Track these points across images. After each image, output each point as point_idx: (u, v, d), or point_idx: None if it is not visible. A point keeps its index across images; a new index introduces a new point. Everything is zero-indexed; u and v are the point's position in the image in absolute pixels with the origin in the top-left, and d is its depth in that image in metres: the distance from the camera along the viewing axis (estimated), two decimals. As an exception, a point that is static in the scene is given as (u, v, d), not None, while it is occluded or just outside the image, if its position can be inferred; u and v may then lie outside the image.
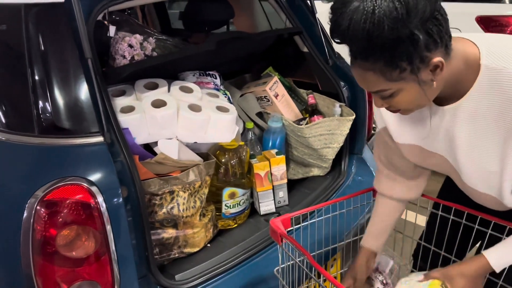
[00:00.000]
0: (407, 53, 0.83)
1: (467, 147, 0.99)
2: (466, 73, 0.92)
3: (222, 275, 1.37)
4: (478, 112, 0.94)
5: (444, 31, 0.85)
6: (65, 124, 1.17)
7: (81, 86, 1.18)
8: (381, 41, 0.81)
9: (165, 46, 1.66)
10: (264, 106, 1.86)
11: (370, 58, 0.85)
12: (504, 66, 0.89)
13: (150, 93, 1.48)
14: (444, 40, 0.86)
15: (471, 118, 0.95)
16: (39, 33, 1.19)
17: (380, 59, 0.84)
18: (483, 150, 0.97)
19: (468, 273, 1.03)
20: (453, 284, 1.03)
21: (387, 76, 0.87)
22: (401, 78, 0.87)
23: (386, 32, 0.79)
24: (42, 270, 1.09)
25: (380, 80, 0.88)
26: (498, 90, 0.90)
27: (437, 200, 1.31)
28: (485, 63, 0.91)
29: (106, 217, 1.11)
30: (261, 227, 1.57)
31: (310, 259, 1.04)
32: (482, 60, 0.91)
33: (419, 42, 0.81)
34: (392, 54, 0.83)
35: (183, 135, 1.45)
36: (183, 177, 1.34)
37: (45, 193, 1.07)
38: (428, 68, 0.86)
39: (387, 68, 0.85)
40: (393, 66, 0.85)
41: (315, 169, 1.84)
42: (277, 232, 1.14)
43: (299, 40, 1.92)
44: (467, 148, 0.99)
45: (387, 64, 0.85)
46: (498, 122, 0.92)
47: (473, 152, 0.98)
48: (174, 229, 1.37)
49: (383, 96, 0.92)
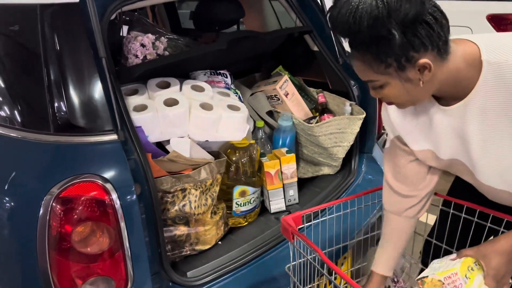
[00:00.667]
0: (389, 51, 0.87)
1: (480, 142, 0.99)
2: (467, 72, 0.94)
3: (233, 272, 1.38)
4: (487, 106, 0.95)
5: (436, 35, 0.87)
6: (80, 122, 1.18)
7: (95, 85, 1.20)
8: (362, 36, 0.86)
9: (176, 45, 1.68)
10: (274, 105, 1.86)
11: (360, 50, 0.90)
12: (505, 59, 0.91)
13: (162, 92, 1.50)
14: (435, 43, 0.88)
15: (481, 113, 0.96)
16: (54, 33, 1.21)
17: (367, 52, 0.89)
18: (496, 144, 0.97)
19: (502, 249, 1.00)
20: (487, 262, 1.00)
21: (374, 69, 0.91)
22: (387, 73, 0.91)
23: (365, 28, 0.83)
24: (58, 265, 1.10)
25: (369, 71, 0.92)
26: (502, 83, 0.91)
27: (449, 199, 1.30)
28: (486, 58, 0.92)
29: (120, 214, 1.12)
30: (272, 225, 1.58)
31: (322, 256, 1.05)
32: (483, 56, 0.93)
33: (396, 43, 0.85)
34: (377, 50, 0.87)
35: (195, 133, 1.46)
36: (195, 175, 1.36)
37: (60, 190, 1.09)
38: (414, 68, 0.89)
39: (375, 61, 0.90)
40: (380, 61, 0.89)
41: (325, 168, 1.85)
42: (288, 230, 1.15)
43: (309, 39, 1.93)
44: (480, 143, 0.99)
45: (374, 58, 0.89)
46: (507, 115, 0.93)
47: (486, 146, 0.99)
48: (186, 226, 1.38)
49: (373, 87, 0.96)
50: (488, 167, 1.02)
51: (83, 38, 1.21)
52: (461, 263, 1.03)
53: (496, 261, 1.00)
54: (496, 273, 1.00)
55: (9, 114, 1.26)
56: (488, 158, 1.00)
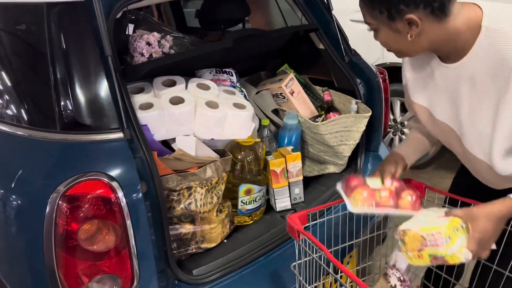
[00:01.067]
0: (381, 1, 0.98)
1: (468, 106, 1.04)
2: (466, 35, 0.98)
3: (239, 271, 1.39)
4: (477, 72, 0.99)
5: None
6: (86, 121, 1.19)
7: (101, 83, 1.21)
8: None
9: (182, 44, 1.68)
10: (280, 103, 1.86)
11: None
12: (502, 27, 0.94)
13: (168, 90, 1.50)
14: (428, 3, 0.94)
15: (471, 78, 1.01)
16: (60, 32, 1.21)
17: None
18: (481, 111, 1.01)
19: (492, 214, 0.99)
20: (475, 225, 1.00)
21: (370, 13, 1.02)
22: (380, 19, 1.01)
23: None
24: (64, 263, 1.11)
25: (367, 14, 1.03)
26: (494, 51, 0.95)
27: (447, 194, 1.30)
28: (486, 24, 0.96)
29: (126, 212, 1.13)
30: (277, 224, 1.58)
31: (328, 255, 1.05)
32: (483, 21, 0.96)
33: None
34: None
35: (201, 131, 1.46)
36: (201, 173, 1.36)
37: (66, 188, 1.09)
38: (403, 21, 0.97)
39: (371, 6, 1.01)
40: (373, 7, 1.00)
41: (331, 166, 1.84)
42: (294, 228, 1.14)
43: (315, 37, 1.92)
44: (468, 108, 1.04)
45: (370, 3, 1.00)
46: (493, 83, 0.97)
47: (473, 112, 1.03)
48: (191, 224, 1.38)
49: (371, 29, 1.06)
50: (473, 134, 1.05)
51: (89, 36, 1.22)
52: (447, 222, 1.01)
53: (483, 225, 0.99)
54: (481, 237, 0.99)
55: (16, 113, 1.27)
56: (474, 125, 1.04)
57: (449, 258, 1.00)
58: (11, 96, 1.29)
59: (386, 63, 3.03)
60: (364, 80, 1.88)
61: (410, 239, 1.04)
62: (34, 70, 1.26)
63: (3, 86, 1.31)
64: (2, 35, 1.35)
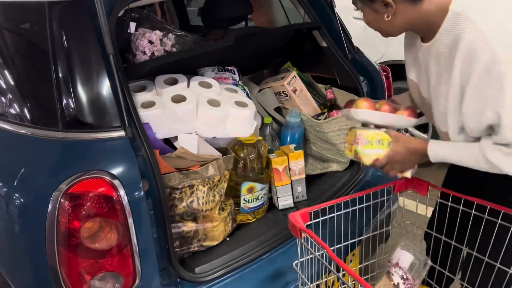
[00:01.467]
0: None
1: (434, 85, 1.15)
2: (436, 17, 1.07)
3: (241, 269, 1.38)
4: (441, 52, 1.08)
5: None
6: (88, 119, 1.19)
7: (103, 82, 1.21)
8: None
9: (184, 42, 1.68)
10: (282, 101, 1.86)
11: None
12: (463, 10, 1.02)
13: (170, 89, 1.50)
14: None
15: (438, 57, 1.10)
16: (62, 30, 1.21)
17: None
18: (440, 89, 1.12)
19: (408, 143, 1.22)
20: (394, 144, 1.24)
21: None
22: (362, 1, 1.12)
23: None
24: (67, 261, 1.11)
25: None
26: (454, 33, 1.03)
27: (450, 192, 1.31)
28: (453, 7, 1.04)
29: (128, 210, 1.13)
30: (280, 222, 1.58)
31: (330, 253, 1.04)
32: (451, 5, 1.04)
33: None
34: None
35: (203, 130, 1.46)
36: (203, 172, 1.36)
37: (68, 187, 1.09)
38: (379, 2, 1.08)
39: None
40: None
41: (333, 164, 1.84)
42: (296, 226, 1.14)
43: (318, 35, 1.91)
44: (433, 86, 1.15)
45: None
46: (449, 63, 1.05)
47: (437, 89, 1.13)
48: (193, 222, 1.38)
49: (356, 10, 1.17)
50: (437, 110, 1.16)
51: (91, 35, 1.22)
52: (377, 133, 1.28)
53: (398, 148, 1.23)
54: (391, 156, 1.25)
55: (18, 111, 1.27)
56: (437, 101, 1.15)
57: (362, 156, 1.30)
58: (13, 95, 1.29)
59: (390, 60, 3.01)
60: (367, 78, 1.87)
61: (350, 135, 1.33)
62: (36, 69, 1.26)
63: (6, 85, 1.32)
64: (4, 33, 1.35)
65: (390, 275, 1.34)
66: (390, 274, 1.34)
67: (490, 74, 0.97)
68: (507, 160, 1.04)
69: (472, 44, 0.99)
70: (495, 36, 0.97)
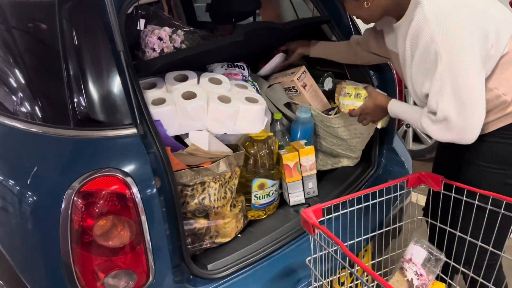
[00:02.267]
0: None
1: (403, 62, 1.32)
2: (403, 3, 1.25)
3: (253, 265, 1.38)
4: (406, 35, 1.25)
5: None
6: (99, 117, 1.19)
7: (113, 79, 1.20)
8: None
9: (193, 38, 1.67)
10: (292, 96, 1.85)
11: None
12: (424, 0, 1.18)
13: (180, 85, 1.50)
14: None
15: (403, 40, 1.27)
16: (72, 28, 1.21)
17: None
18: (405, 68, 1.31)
19: (377, 98, 1.51)
20: (367, 99, 1.54)
21: None
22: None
23: None
24: (80, 259, 1.12)
25: None
26: (411, 18, 1.21)
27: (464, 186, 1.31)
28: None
29: (141, 208, 1.13)
30: (291, 218, 1.57)
31: (344, 249, 1.04)
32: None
33: None
34: None
35: (213, 126, 1.45)
36: (214, 168, 1.35)
37: (81, 185, 1.09)
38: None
39: None
40: None
41: (344, 160, 1.83)
42: (309, 222, 1.13)
43: (327, 29, 1.90)
44: (403, 63, 1.32)
45: None
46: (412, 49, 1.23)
47: (405, 69, 1.31)
48: (205, 219, 1.38)
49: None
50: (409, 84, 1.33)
51: (101, 32, 1.21)
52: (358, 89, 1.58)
53: (368, 102, 1.53)
54: (362, 108, 1.54)
55: (29, 110, 1.27)
56: (407, 77, 1.32)
57: (341, 105, 1.62)
58: (24, 93, 1.30)
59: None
60: (378, 71, 1.85)
61: (338, 87, 1.65)
62: (46, 67, 1.26)
63: (17, 84, 1.32)
64: (15, 32, 1.35)
65: (403, 271, 1.33)
66: (403, 270, 1.33)
67: (429, 51, 1.18)
68: (433, 127, 1.25)
69: (418, 25, 1.19)
70: (435, 21, 1.16)
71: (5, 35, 1.36)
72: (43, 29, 1.28)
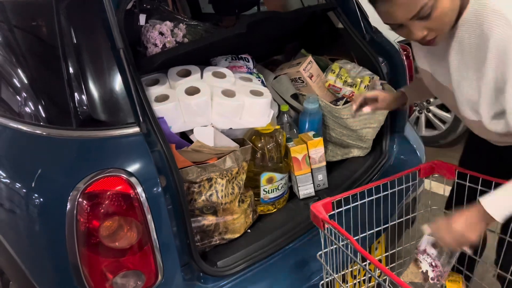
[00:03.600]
0: None
1: (457, 75, 1.10)
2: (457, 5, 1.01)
3: (264, 261, 1.36)
4: (464, 42, 1.04)
5: None
6: (102, 116, 1.17)
7: (115, 77, 1.18)
8: None
9: (196, 31, 1.64)
10: (299, 87, 1.81)
11: None
12: (486, 3, 0.98)
13: (183, 81, 1.47)
14: None
15: (459, 48, 1.06)
16: (71, 26, 1.19)
17: None
18: (466, 79, 1.07)
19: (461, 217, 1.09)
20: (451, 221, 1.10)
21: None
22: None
23: None
24: (88, 260, 1.11)
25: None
26: (477, 26, 0.99)
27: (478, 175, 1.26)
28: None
29: (147, 207, 1.11)
30: (301, 211, 1.54)
31: (354, 244, 1.01)
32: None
33: None
34: None
35: (218, 121, 1.43)
36: (220, 164, 1.33)
37: (86, 186, 1.08)
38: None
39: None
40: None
41: (354, 150, 1.79)
42: (318, 217, 1.11)
43: (334, 16, 1.85)
44: (457, 77, 1.10)
45: None
46: (476, 53, 1.01)
47: (461, 81, 1.09)
48: (214, 216, 1.36)
49: (422, 16, 0.97)
50: (463, 99, 1.11)
51: (99, 29, 1.19)
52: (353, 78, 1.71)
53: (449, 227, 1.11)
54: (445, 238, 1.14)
55: (32, 111, 1.26)
56: (462, 91, 1.10)
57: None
58: (25, 95, 1.28)
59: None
60: (387, 58, 1.81)
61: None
62: (46, 67, 1.25)
63: (17, 85, 1.31)
64: (13, 32, 1.34)
65: (418, 262, 1.30)
66: (418, 262, 1.30)
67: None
68: None
69: (504, 40, 0.95)
70: None
71: (3, 35, 1.35)
72: (41, 29, 1.26)
